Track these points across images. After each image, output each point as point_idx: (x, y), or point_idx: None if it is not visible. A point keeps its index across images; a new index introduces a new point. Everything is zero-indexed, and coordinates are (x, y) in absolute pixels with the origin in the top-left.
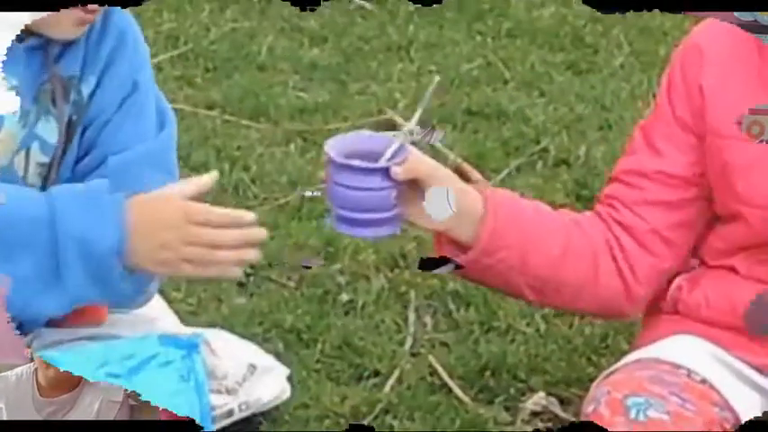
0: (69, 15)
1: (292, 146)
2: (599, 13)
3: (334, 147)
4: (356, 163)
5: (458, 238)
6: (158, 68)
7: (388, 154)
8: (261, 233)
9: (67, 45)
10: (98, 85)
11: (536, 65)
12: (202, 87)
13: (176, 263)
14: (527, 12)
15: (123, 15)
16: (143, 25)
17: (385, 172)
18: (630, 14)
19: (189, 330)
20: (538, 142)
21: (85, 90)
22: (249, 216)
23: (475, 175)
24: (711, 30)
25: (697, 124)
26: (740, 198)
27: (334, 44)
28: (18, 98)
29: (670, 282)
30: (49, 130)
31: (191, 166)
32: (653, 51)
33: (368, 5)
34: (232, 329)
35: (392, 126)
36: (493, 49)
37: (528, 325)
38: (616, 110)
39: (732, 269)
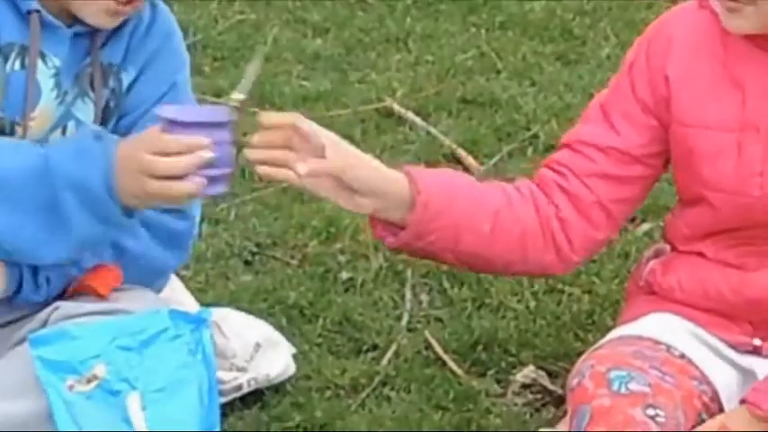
0: (98, 3)
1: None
2: (587, 7)
3: (171, 112)
4: (204, 119)
5: (389, 220)
6: None
7: (225, 117)
8: (207, 154)
9: (113, 35)
10: (137, 77)
11: (527, 56)
12: (211, 76)
13: (143, 195)
14: (519, 5)
15: (171, 18)
16: None
17: (226, 127)
18: (616, 8)
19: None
20: (528, 129)
21: (126, 80)
22: (204, 141)
23: (468, 160)
24: (681, 19)
25: (660, 111)
26: (706, 183)
27: (336, 35)
28: (57, 77)
29: (645, 264)
30: (86, 112)
31: None
32: None
33: None
34: (238, 305)
35: (391, 113)
36: (486, 40)
37: (518, 302)
38: None
39: (701, 254)
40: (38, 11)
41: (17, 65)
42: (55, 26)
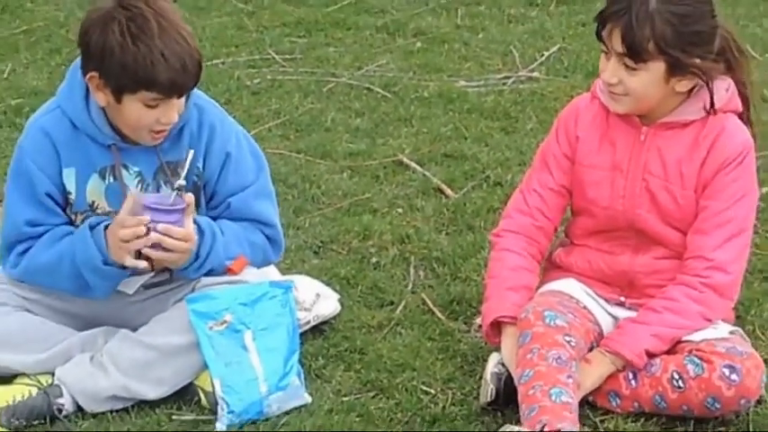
0: (144, 136)
1: (346, 174)
2: (519, 99)
3: (140, 197)
4: (159, 202)
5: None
6: (268, 130)
7: (173, 199)
8: (140, 230)
9: (176, 139)
10: (204, 161)
11: (483, 129)
12: (294, 141)
13: (121, 255)
14: (478, 98)
15: (213, 109)
16: (255, 103)
17: (180, 210)
18: (537, 100)
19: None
20: (484, 173)
21: (199, 167)
22: (144, 219)
23: (448, 191)
24: (583, 104)
25: (571, 156)
26: (590, 201)
27: (369, 116)
28: (140, 177)
29: (555, 251)
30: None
31: (288, 185)
32: None
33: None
34: (312, 276)
35: (401, 163)
36: (459, 119)
37: (477, 275)
38: None
39: (587, 245)
40: (114, 144)
41: (110, 178)
42: (127, 147)
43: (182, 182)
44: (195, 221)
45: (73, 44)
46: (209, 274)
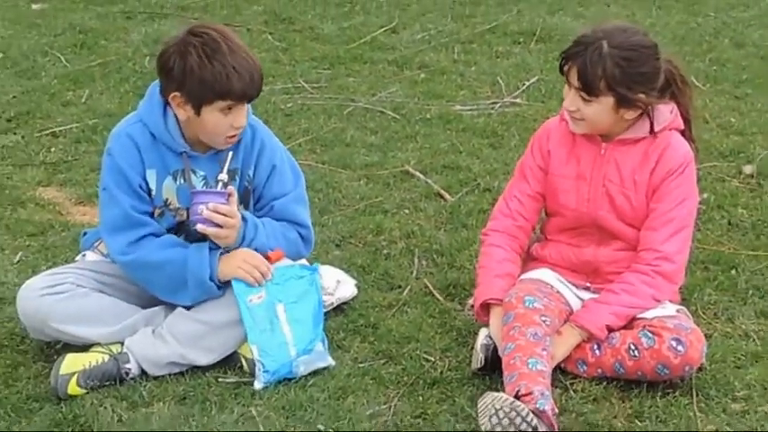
0: (220, 141)
1: (362, 181)
2: (504, 120)
3: (198, 189)
4: (204, 189)
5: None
6: (299, 145)
7: (219, 187)
8: (263, 266)
9: (234, 151)
10: (254, 171)
11: (475, 144)
12: (320, 154)
13: (240, 272)
14: (471, 120)
15: (263, 129)
16: (287, 123)
17: (223, 194)
18: (519, 122)
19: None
20: (475, 180)
21: (250, 174)
22: (265, 264)
23: (446, 196)
24: (553, 125)
25: (544, 167)
26: (560, 205)
27: (381, 134)
28: (204, 181)
29: (532, 245)
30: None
31: (314, 190)
32: None
33: None
34: (332, 265)
35: (407, 172)
36: (455, 137)
37: (470, 264)
38: None
39: (559, 240)
40: (185, 151)
41: (181, 180)
42: (195, 156)
43: (223, 176)
44: (240, 213)
45: (138, 73)
46: None
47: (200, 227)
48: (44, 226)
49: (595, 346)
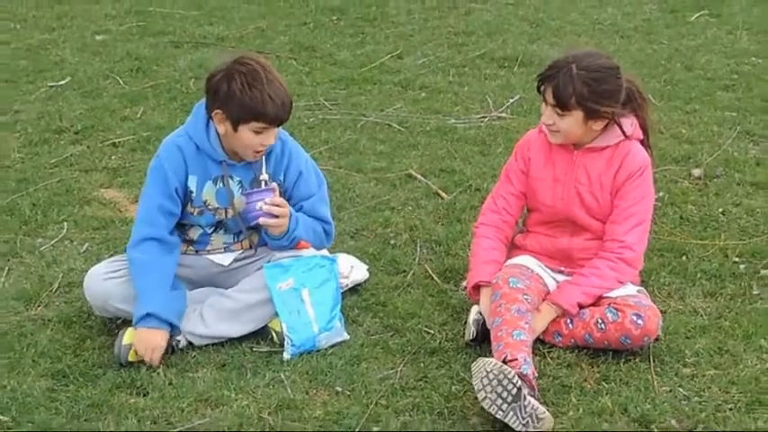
0: (249, 154)
1: (373, 183)
2: (493, 132)
3: (250, 190)
4: (255, 189)
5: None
6: (319, 153)
7: (263, 186)
8: (155, 356)
9: (265, 160)
10: (284, 177)
11: (468, 153)
12: (337, 160)
13: (138, 346)
14: (464, 130)
15: (291, 141)
16: (310, 135)
17: (272, 189)
18: (504, 133)
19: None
20: (467, 182)
21: (281, 179)
22: (155, 355)
23: (444, 195)
24: (533, 136)
25: (526, 171)
26: (539, 202)
27: (388, 143)
28: (240, 185)
29: (516, 236)
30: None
31: (333, 190)
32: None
33: None
34: (348, 253)
35: (411, 175)
36: (450, 145)
37: (464, 252)
38: None
39: (538, 232)
40: (224, 160)
41: (220, 184)
42: (233, 164)
43: (264, 175)
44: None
45: (184, 93)
46: (283, 249)
47: (261, 220)
48: (106, 221)
49: (569, 321)
